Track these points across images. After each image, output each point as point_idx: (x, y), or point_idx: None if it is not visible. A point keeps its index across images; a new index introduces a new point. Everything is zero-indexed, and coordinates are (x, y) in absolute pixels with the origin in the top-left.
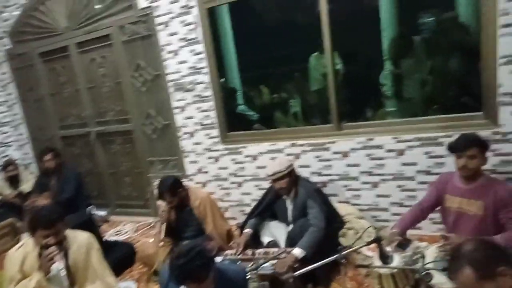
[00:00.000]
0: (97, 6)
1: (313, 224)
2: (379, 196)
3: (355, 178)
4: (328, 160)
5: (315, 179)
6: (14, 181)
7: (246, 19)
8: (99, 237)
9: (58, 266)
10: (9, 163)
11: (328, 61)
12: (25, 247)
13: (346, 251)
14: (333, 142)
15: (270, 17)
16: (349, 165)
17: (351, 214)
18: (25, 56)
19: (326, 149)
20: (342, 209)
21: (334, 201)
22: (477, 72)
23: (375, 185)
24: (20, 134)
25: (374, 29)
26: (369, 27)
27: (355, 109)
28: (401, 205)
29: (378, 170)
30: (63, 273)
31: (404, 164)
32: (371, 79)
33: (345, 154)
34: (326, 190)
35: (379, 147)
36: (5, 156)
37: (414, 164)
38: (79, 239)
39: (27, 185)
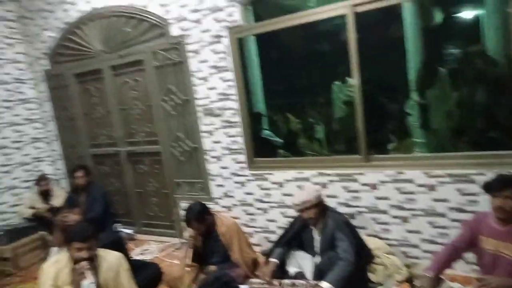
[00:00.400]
0: (127, 29)
1: (342, 257)
2: (409, 231)
3: (384, 212)
4: (356, 191)
5: (342, 210)
6: (46, 195)
7: (272, 48)
8: (127, 256)
9: (88, 282)
10: (42, 178)
11: (356, 90)
12: (59, 262)
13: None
14: (362, 174)
15: (296, 47)
16: (378, 198)
17: (380, 249)
18: (61, 76)
19: (354, 180)
20: (370, 242)
21: (362, 234)
22: (507, 106)
23: (405, 219)
24: (53, 150)
25: (400, 58)
26: (395, 57)
27: (382, 138)
28: (432, 242)
29: (408, 204)
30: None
31: (436, 200)
32: (397, 108)
33: (373, 186)
34: (354, 222)
35: (409, 181)
36: (38, 171)
37: (446, 200)
38: (109, 259)
39: (58, 200)
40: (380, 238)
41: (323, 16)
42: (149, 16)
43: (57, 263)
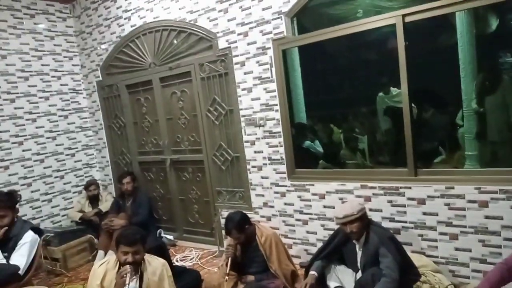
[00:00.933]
0: (175, 41)
1: (386, 274)
2: (458, 249)
3: (431, 228)
4: (402, 205)
5: (386, 224)
6: (94, 200)
7: (315, 59)
8: (169, 262)
9: (131, 286)
10: (92, 183)
11: (404, 101)
12: (107, 264)
13: None
14: (408, 188)
15: (340, 57)
16: (425, 213)
17: (426, 267)
18: (113, 87)
19: (400, 194)
20: (416, 260)
21: (407, 251)
22: None
23: (454, 237)
24: (103, 157)
25: (451, 67)
26: (446, 66)
27: (430, 151)
28: (483, 261)
29: (458, 221)
30: None
31: (488, 217)
32: (447, 119)
33: (421, 201)
34: (399, 238)
35: (459, 196)
36: (88, 176)
37: (499, 218)
38: (154, 264)
39: (105, 205)
40: (427, 256)
41: (371, 26)
42: (197, 30)
43: (105, 264)
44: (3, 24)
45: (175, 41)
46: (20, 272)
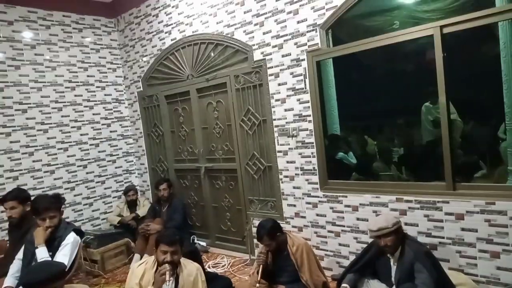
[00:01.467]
0: (212, 54)
1: None
2: (500, 268)
3: (470, 245)
4: (439, 220)
5: (422, 240)
6: (132, 205)
7: (349, 70)
8: (202, 267)
9: (167, 284)
10: (131, 189)
11: (442, 113)
12: (146, 264)
13: None
14: (446, 202)
15: (375, 68)
16: (464, 229)
17: (464, 285)
18: (153, 97)
19: (438, 209)
20: (453, 277)
21: (444, 267)
22: None
23: (495, 255)
24: (142, 163)
25: (493, 79)
26: (488, 78)
27: (470, 165)
28: None
29: (499, 238)
30: None
31: None
32: (489, 133)
33: (459, 216)
34: (436, 254)
35: (500, 212)
36: (127, 182)
37: None
38: (189, 268)
39: (142, 210)
40: (465, 273)
41: (408, 37)
42: (234, 43)
43: (144, 264)
44: (54, 38)
45: (212, 54)
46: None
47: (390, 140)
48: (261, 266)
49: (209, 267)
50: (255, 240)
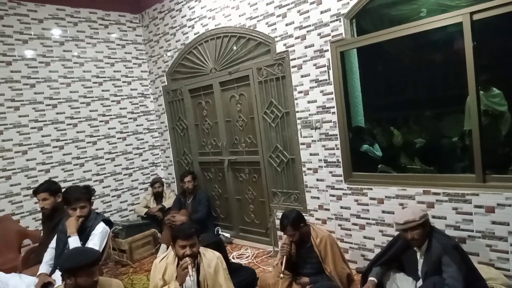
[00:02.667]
0: (234, 47)
1: (449, 284)
2: None
3: (502, 238)
4: (468, 213)
5: (450, 233)
6: (158, 196)
7: (374, 60)
8: (226, 257)
9: (191, 277)
10: (157, 181)
11: (472, 104)
12: (167, 259)
13: None
14: (476, 195)
15: (400, 58)
16: (494, 222)
17: (495, 280)
18: (177, 91)
19: (467, 201)
20: (483, 271)
21: (474, 261)
22: None
23: None
24: (167, 156)
25: None
26: None
27: (502, 157)
28: None
29: None
30: (195, 285)
31: None
32: None
33: (489, 209)
34: (464, 248)
35: None
36: (153, 174)
37: None
38: (209, 257)
39: (168, 201)
40: (496, 268)
41: (436, 25)
42: (256, 35)
43: (166, 259)
44: (81, 35)
45: (234, 47)
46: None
47: (417, 132)
48: (285, 257)
49: (233, 258)
50: (279, 232)
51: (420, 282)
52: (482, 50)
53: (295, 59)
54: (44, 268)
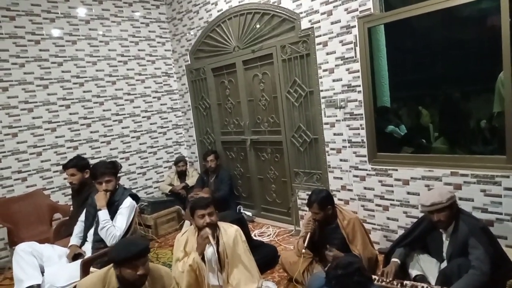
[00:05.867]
0: (257, 26)
1: (475, 266)
2: None
3: None
4: (497, 196)
5: (478, 215)
6: (182, 175)
7: (403, 37)
8: (248, 235)
9: (211, 249)
10: (181, 160)
11: (507, 82)
12: (188, 233)
13: None
14: (506, 177)
15: (431, 34)
16: None
17: None
18: (200, 70)
19: (496, 183)
20: (511, 255)
21: (502, 245)
22: None
23: None
24: (190, 135)
25: None
26: None
27: None
28: None
29: None
30: (215, 256)
31: None
32: None
33: None
34: (492, 230)
35: None
36: (177, 153)
37: None
38: (228, 231)
39: (191, 180)
40: None
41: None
42: (281, 12)
43: (186, 233)
44: (106, 13)
45: (258, 25)
46: (121, 233)
47: (446, 112)
48: (309, 233)
49: (255, 236)
50: (300, 212)
51: (444, 264)
52: None
53: (320, 35)
54: (74, 240)
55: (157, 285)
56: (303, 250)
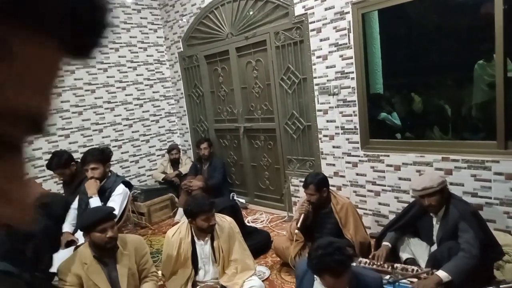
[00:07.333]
0: (251, 12)
1: (464, 249)
2: None
3: None
4: (487, 180)
5: (468, 200)
6: (175, 163)
7: (397, 24)
8: (241, 221)
9: (207, 248)
10: (173, 148)
11: (498, 69)
12: (180, 233)
13: (505, 286)
14: (496, 162)
15: (424, 21)
16: None
17: (510, 246)
18: (193, 58)
19: (486, 168)
20: (500, 238)
21: (490, 228)
22: None
23: None
24: (183, 123)
25: None
26: None
27: None
28: None
29: None
30: (210, 251)
31: None
32: None
33: (509, 176)
34: (482, 214)
35: None
36: (170, 141)
37: None
38: (222, 224)
39: (184, 168)
40: None
41: None
42: None
43: (179, 233)
44: None
45: (251, 12)
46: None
47: (438, 98)
48: (302, 215)
49: (248, 222)
50: (293, 199)
51: (434, 247)
52: None
53: (314, 22)
54: (67, 227)
55: (130, 248)
56: (296, 231)
